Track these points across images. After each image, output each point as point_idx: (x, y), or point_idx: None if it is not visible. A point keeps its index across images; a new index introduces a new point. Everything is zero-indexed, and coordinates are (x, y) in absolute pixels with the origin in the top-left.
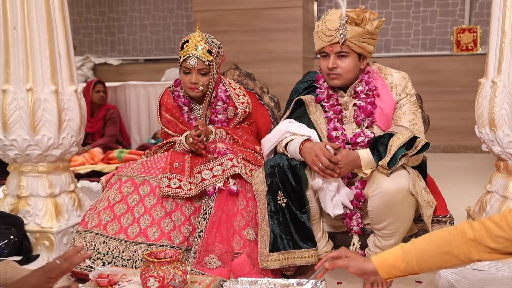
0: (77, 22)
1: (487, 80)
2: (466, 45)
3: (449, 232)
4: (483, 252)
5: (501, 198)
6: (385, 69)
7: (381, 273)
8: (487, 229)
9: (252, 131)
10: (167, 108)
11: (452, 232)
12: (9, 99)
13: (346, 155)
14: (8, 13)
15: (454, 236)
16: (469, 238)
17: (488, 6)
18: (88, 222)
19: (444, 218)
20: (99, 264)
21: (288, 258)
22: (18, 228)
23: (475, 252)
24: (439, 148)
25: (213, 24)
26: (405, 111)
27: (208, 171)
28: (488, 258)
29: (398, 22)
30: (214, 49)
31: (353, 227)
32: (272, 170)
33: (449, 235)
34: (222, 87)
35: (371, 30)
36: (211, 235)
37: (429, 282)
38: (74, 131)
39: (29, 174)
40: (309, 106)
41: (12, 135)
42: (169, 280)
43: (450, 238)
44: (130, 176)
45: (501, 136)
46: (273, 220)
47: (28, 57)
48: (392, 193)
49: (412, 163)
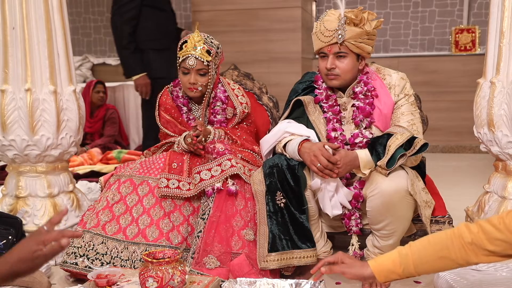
0: (75, 22)
1: (485, 81)
2: (464, 46)
3: (447, 236)
4: (481, 255)
5: (499, 198)
6: (383, 69)
7: (378, 277)
8: (485, 231)
9: (251, 131)
10: (166, 108)
11: (450, 236)
12: (8, 99)
13: (344, 155)
14: (7, 13)
15: (451, 240)
16: (467, 241)
17: (486, 6)
18: (87, 222)
19: (442, 218)
20: (97, 265)
21: (286, 259)
22: (16, 229)
23: (473, 256)
24: (438, 148)
25: (212, 24)
26: (404, 112)
27: (206, 171)
28: (487, 261)
29: (397, 22)
30: (213, 49)
31: (352, 227)
32: (271, 170)
33: (446, 240)
34: (221, 87)
35: (369, 31)
36: (210, 235)
37: (428, 282)
38: (73, 131)
39: (28, 174)
40: (308, 106)
41: (10, 135)
42: (167, 280)
43: (447, 242)
44: (129, 176)
45: (500, 136)
46: (272, 220)
47: (26, 57)
48: (391, 194)
49: (411, 163)
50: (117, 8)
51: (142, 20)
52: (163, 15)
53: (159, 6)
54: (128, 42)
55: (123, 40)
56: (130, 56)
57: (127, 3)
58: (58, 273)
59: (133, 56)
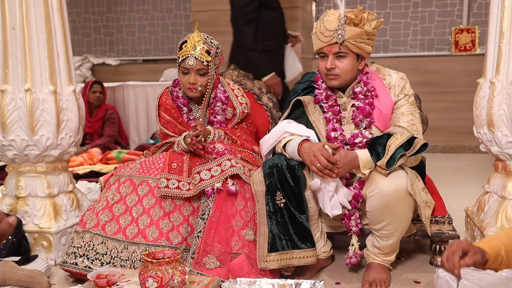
0: (75, 22)
1: (485, 81)
2: (464, 46)
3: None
4: None
5: (499, 198)
6: (383, 69)
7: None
8: None
9: (251, 132)
10: (166, 109)
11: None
12: (8, 99)
13: (344, 155)
14: (7, 13)
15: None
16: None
17: (486, 6)
18: (87, 222)
19: (442, 218)
20: (97, 265)
21: (286, 259)
22: (16, 229)
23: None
24: (438, 148)
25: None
26: (403, 112)
27: (206, 171)
28: None
29: (397, 22)
30: (213, 49)
31: (351, 227)
32: (271, 170)
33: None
34: (220, 87)
35: (369, 31)
36: (210, 235)
37: (428, 282)
38: (73, 132)
39: (28, 174)
40: (308, 106)
41: (10, 135)
42: (167, 280)
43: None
44: (129, 176)
45: (500, 137)
46: (272, 221)
47: (26, 57)
48: (390, 194)
49: (411, 163)
50: (237, 11)
51: (259, 20)
52: (275, 13)
53: (271, 5)
54: (254, 43)
55: (248, 42)
56: (258, 57)
57: (248, 5)
58: (58, 273)
59: (261, 56)
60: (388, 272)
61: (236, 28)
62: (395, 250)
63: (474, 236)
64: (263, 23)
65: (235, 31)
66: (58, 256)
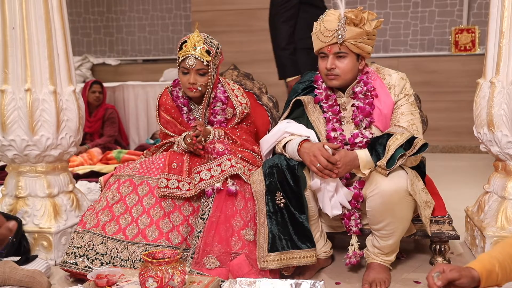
0: (75, 22)
1: (485, 81)
2: (464, 46)
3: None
4: None
5: (499, 198)
6: (383, 69)
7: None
8: None
9: (251, 132)
10: (166, 109)
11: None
12: (8, 99)
13: (344, 155)
14: (7, 13)
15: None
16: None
17: (486, 6)
18: (87, 222)
19: (442, 218)
20: (97, 265)
21: (286, 259)
22: (16, 229)
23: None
24: (438, 148)
25: (212, 24)
26: (403, 112)
27: (206, 171)
28: None
29: (397, 22)
30: (213, 49)
31: (351, 227)
32: (271, 170)
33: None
34: (220, 87)
35: (369, 31)
36: (210, 235)
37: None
38: (73, 132)
39: (28, 174)
40: (308, 106)
41: (10, 135)
42: (167, 280)
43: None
44: (129, 176)
45: (499, 137)
46: (272, 221)
47: (26, 57)
48: (390, 194)
49: (411, 163)
50: (276, 8)
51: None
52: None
53: (314, 2)
54: (287, 43)
55: (282, 41)
56: (288, 58)
57: (286, 2)
58: (58, 273)
59: (291, 57)
60: (388, 272)
61: (272, 25)
62: (395, 250)
63: (474, 236)
64: (302, 21)
65: (271, 28)
66: (58, 256)
